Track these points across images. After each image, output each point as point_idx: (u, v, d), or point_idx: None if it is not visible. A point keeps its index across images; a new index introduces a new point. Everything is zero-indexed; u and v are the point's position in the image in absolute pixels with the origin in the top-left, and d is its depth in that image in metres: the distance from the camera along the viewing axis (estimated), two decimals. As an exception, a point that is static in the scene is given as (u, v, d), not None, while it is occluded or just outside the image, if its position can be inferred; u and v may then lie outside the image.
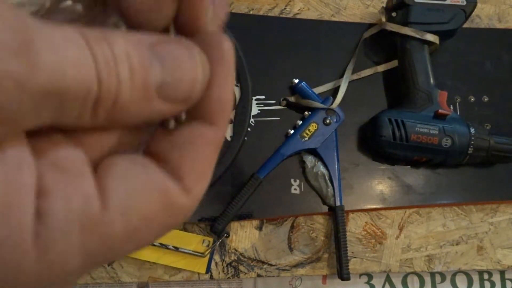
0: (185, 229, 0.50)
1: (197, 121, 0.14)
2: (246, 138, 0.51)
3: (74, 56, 0.11)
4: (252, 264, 0.50)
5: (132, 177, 0.12)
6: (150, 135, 0.14)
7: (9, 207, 0.10)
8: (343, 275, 0.48)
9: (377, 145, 0.50)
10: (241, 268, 0.50)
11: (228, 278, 0.50)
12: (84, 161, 0.12)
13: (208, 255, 0.49)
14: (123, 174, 0.12)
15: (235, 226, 0.51)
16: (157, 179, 0.13)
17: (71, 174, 0.11)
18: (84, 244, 0.11)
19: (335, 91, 0.53)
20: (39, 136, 0.12)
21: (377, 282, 0.53)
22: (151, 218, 0.12)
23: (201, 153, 0.13)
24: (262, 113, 0.53)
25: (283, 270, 0.50)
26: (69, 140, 0.12)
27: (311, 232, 0.51)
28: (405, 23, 0.51)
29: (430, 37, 0.51)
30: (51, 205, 0.11)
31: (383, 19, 0.53)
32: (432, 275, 0.54)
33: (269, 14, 0.56)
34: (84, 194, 0.11)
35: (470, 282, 0.54)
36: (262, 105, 0.53)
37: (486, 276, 0.54)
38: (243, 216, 0.50)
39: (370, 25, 0.56)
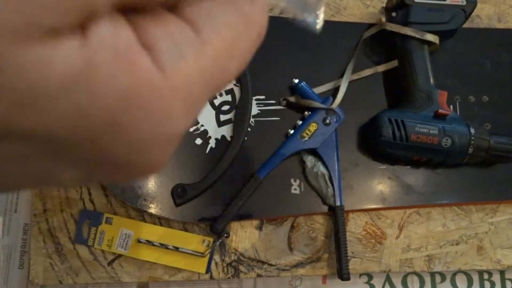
0: (185, 229, 0.50)
1: None
2: (246, 138, 0.51)
3: None
4: (252, 264, 0.50)
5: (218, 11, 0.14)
6: None
7: (130, 57, 0.12)
8: (343, 275, 0.48)
9: (377, 145, 0.50)
10: (241, 268, 0.50)
11: (228, 278, 0.50)
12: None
13: (208, 255, 0.49)
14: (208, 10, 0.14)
15: (235, 226, 0.51)
16: None
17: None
18: (198, 63, 0.13)
19: (335, 91, 0.53)
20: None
21: (377, 282, 0.53)
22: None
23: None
24: (262, 113, 0.53)
25: (283, 270, 0.50)
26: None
27: (311, 232, 0.52)
28: (405, 23, 0.51)
29: (430, 37, 0.51)
30: (158, 45, 0.13)
31: (383, 19, 0.53)
32: (432, 275, 0.54)
33: (269, 14, 0.56)
34: (180, 28, 0.13)
35: (470, 282, 0.54)
36: (262, 105, 0.53)
37: (486, 276, 0.54)
38: (243, 216, 0.50)
39: (370, 25, 0.56)
